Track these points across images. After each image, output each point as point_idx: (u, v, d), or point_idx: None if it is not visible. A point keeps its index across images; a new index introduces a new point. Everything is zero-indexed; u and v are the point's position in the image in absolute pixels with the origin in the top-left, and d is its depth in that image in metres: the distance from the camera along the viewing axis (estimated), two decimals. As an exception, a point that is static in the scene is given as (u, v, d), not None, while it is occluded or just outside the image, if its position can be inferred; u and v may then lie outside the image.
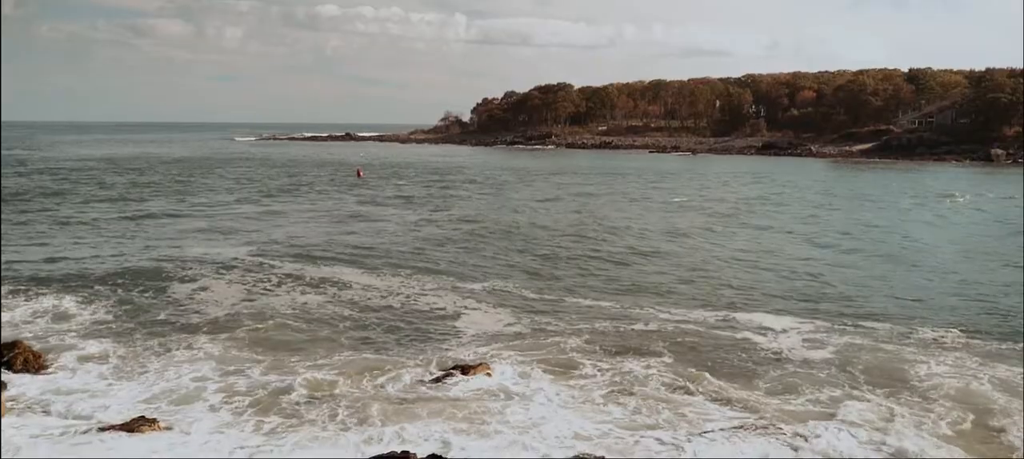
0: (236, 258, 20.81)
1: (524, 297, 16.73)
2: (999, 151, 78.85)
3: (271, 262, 20.46)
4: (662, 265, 20.90)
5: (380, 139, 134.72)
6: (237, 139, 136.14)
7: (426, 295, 16.75)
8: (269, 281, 17.98)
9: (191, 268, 19.10)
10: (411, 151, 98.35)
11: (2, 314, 13.75)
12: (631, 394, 10.13)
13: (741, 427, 8.87)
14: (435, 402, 9.56)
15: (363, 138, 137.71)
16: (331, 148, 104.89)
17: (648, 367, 11.32)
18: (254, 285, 17.42)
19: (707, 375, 10.92)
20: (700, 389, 10.40)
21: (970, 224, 31.06)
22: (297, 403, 9.65)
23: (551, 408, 9.35)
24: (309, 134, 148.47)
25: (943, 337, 13.42)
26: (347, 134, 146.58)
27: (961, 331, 13.80)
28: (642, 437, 8.58)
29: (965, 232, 28.71)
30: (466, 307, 15.57)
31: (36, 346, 11.58)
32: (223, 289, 16.84)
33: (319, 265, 20.13)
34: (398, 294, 16.82)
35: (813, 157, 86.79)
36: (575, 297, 16.73)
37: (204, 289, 16.78)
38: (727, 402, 10.02)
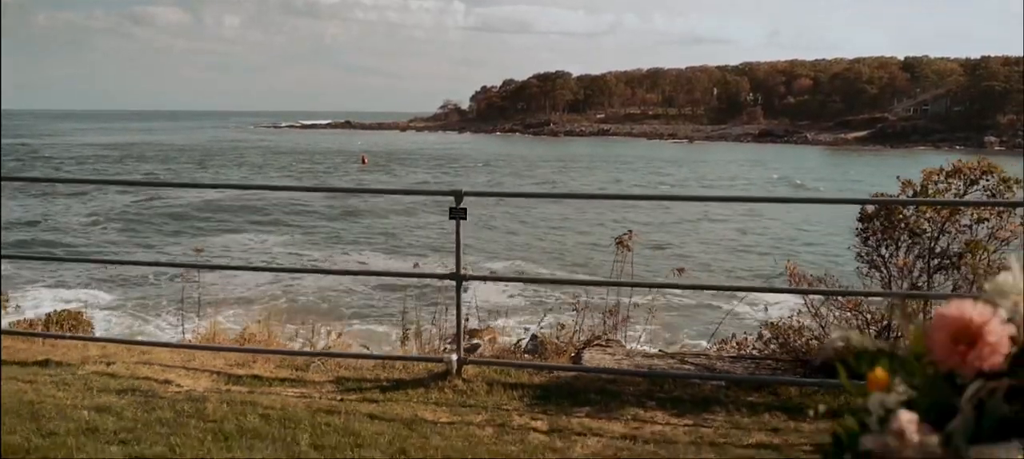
0: (258, 243, 21.94)
1: (540, 274, 17.94)
2: (992, 138, 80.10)
3: (288, 246, 21.56)
4: (664, 249, 22.10)
5: (380, 127, 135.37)
6: (237, 127, 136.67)
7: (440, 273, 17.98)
8: (289, 264, 19.09)
9: (211, 253, 20.23)
10: (411, 139, 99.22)
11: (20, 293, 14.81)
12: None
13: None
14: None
15: (363, 126, 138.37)
16: (332, 136, 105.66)
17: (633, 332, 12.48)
18: (277, 270, 18.53)
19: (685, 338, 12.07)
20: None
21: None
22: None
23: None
24: (309, 122, 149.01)
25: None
26: (347, 122, 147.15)
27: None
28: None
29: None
30: (476, 281, 16.88)
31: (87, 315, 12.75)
32: (246, 274, 17.90)
33: (340, 247, 21.26)
34: (411, 269, 18.01)
35: (808, 144, 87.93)
36: (583, 275, 17.97)
37: (226, 274, 17.88)
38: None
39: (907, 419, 0.93)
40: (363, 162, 56.09)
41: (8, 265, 16.47)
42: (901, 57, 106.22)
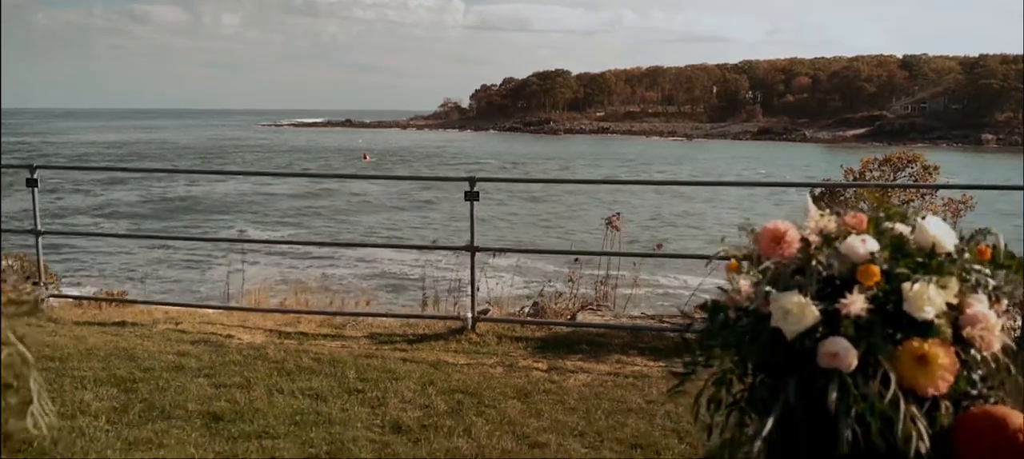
0: (269, 239, 22.65)
1: (540, 270, 18.71)
2: (989, 136, 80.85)
3: (299, 242, 22.29)
4: (667, 241, 22.88)
5: (380, 125, 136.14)
6: (238, 126, 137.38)
7: (450, 267, 18.75)
8: (301, 259, 19.85)
9: (225, 249, 20.95)
10: (411, 137, 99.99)
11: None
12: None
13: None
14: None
15: (363, 125, 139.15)
16: (332, 134, 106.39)
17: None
18: (289, 265, 19.29)
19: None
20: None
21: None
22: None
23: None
24: (309, 121, 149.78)
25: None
26: (347, 121, 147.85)
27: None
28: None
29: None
30: (484, 275, 17.71)
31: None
32: (257, 269, 18.64)
33: (349, 243, 21.96)
34: (421, 266, 18.78)
35: (807, 142, 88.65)
36: (590, 269, 18.77)
37: (239, 270, 18.58)
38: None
39: (743, 283, 1.72)
40: (364, 159, 56.92)
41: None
42: (900, 55, 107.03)
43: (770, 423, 1.62)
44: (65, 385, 3.68)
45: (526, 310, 5.52)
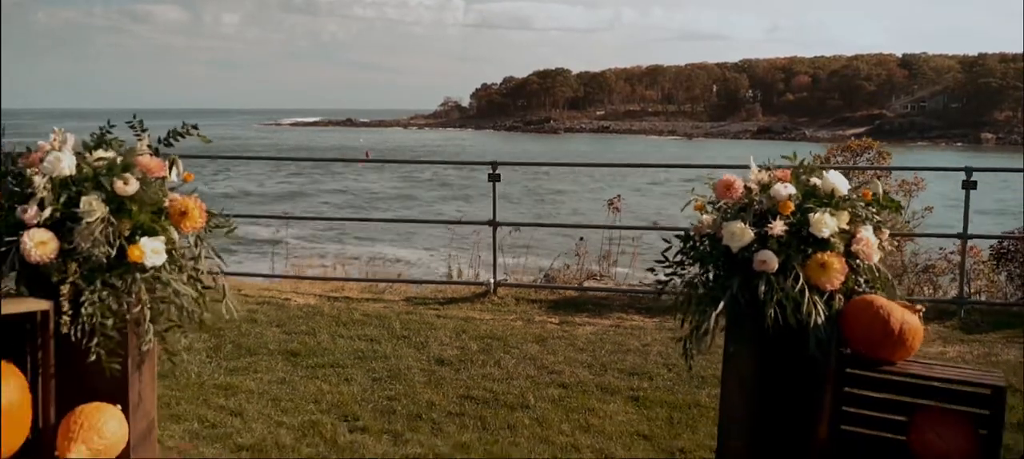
0: (276, 237, 23.41)
1: (541, 266, 19.50)
2: (989, 135, 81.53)
3: (300, 238, 23.07)
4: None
5: (380, 124, 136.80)
6: (238, 125, 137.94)
7: (456, 264, 19.56)
8: (306, 256, 20.63)
9: (230, 247, 21.77)
10: (412, 136, 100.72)
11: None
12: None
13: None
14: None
15: (364, 124, 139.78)
16: (333, 134, 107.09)
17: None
18: (295, 265, 20.03)
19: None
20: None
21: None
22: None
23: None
24: (309, 120, 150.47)
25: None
26: (348, 120, 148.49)
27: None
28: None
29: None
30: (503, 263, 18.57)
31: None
32: (262, 266, 19.37)
33: (355, 240, 22.79)
34: (427, 265, 19.59)
35: (807, 141, 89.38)
36: (593, 264, 19.54)
37: (240, 264, 19.36)
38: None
39: (705, 217, 2.51)
40: (366, 156, 57.64)
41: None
42: (899, 54, 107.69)
43: (720, 307, 2.42)
44: (164, 331, 4.45)
45: (538, 281, 6.30)
